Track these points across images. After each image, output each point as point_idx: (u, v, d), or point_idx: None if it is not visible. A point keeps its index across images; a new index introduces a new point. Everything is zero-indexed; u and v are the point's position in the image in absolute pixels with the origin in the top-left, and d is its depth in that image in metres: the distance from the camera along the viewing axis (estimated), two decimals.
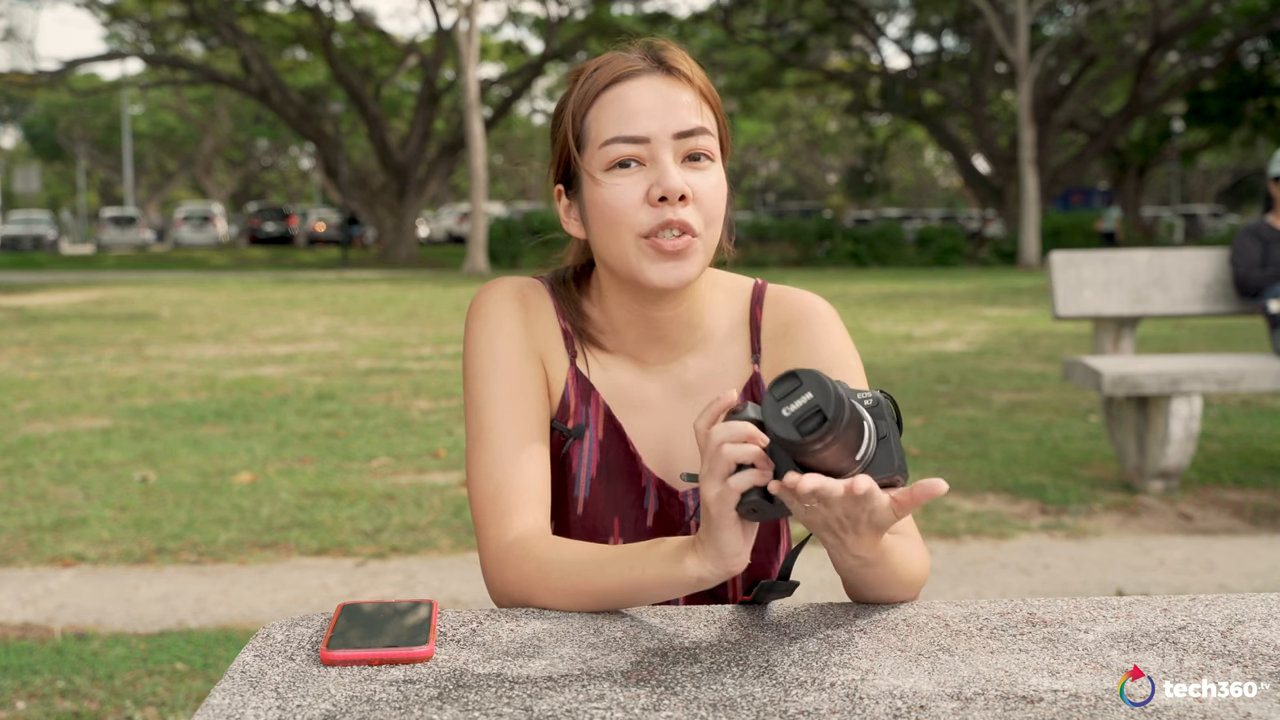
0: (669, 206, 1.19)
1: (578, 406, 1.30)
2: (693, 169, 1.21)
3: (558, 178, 1.30)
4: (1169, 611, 1.11)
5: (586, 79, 1.24)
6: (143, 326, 12.72)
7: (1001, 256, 28.06)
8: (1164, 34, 29.59)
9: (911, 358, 9.61)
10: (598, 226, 1.23)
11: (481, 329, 1.28)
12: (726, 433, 0.99)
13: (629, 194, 1.20)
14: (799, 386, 0.94)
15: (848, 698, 0.91)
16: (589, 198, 1.23)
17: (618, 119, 1.21)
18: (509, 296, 1.30)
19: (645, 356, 1.31)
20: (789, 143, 56.53)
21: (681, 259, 1.20)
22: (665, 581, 1.07)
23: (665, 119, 1.20)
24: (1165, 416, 4.77)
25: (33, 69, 32.45)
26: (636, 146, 1.20)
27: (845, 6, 32.62)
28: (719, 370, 1.32)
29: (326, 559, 4.03)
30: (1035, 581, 3.76)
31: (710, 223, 1.22)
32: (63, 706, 2.79)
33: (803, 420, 0.94)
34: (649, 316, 1.28)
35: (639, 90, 1.22)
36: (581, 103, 1.24)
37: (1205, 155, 41.95)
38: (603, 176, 1.21)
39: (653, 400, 1.31)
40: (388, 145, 31.35)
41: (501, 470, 1.22)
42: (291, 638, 1.06)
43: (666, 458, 1.30)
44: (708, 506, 1.01)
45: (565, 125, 1.25)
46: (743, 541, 1.02)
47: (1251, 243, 5.14)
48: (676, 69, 1.24)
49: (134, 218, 42.62)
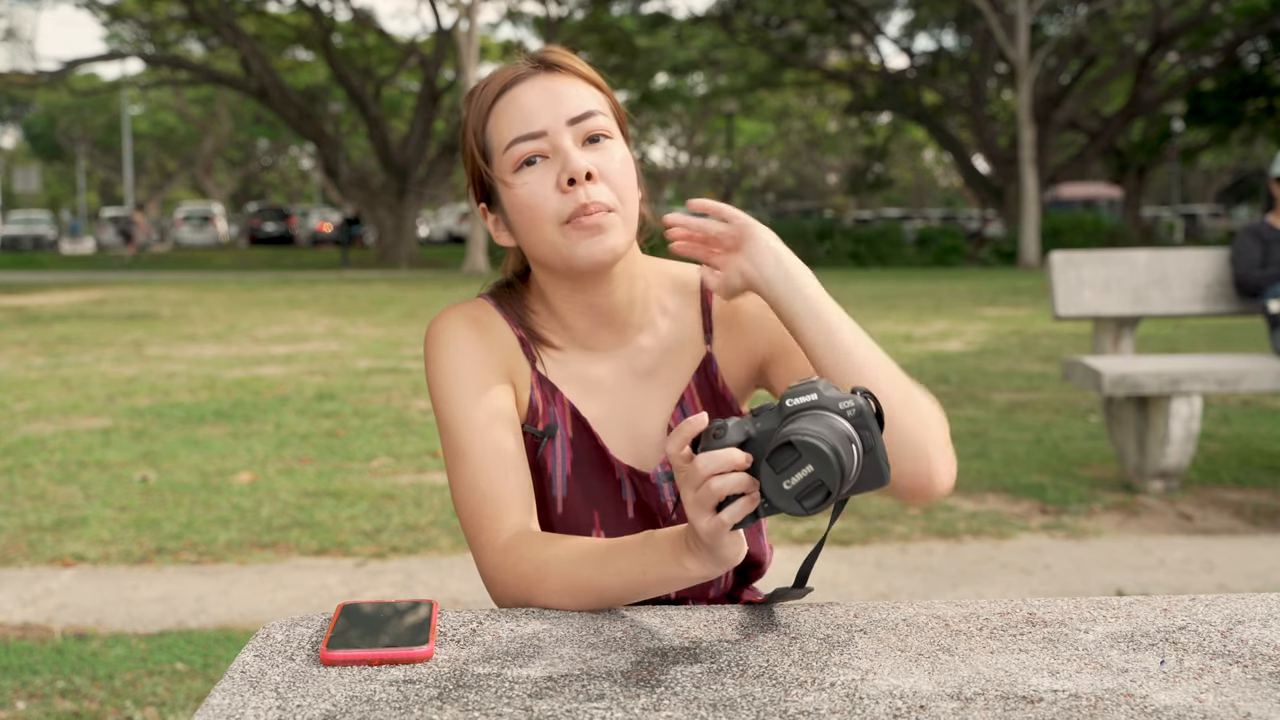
0: (579, 188, 1.22)
1: (545, 408, 1.31)
2: (594, 149, 1.25)
3: (479, 198, 1.33)
4: (1169, 611, 1.11)
5: (478, 96, 1.29)
6: (143, 326, 12.72)
7: (1001, 256, 28.06)
8: (1164, 34, 29.60)
9: (911, 358, 9.61)
10: (521, 227, 1.27)
11: (439, 354, 1.29)
12: (713, 464, 0.98)
13: (540, 187, 1.23)
14: (798, 459, 0.93)
15: (848, 698, 0.91)
16: (507, 204, 1.27)
17: (512, 121, 1.25)
18: (461, 322, 1.31)
19: (597, 344, 1.33)
20: (789, 143, 56.56)
21: (603, 232, 1.23)
22: (667, 581, 1.09)
23: (556, 109, 1.24)
24: (1165, 416, 4.77)
25: (33, 69, 32.45)
26: (536, 141, 1.24)
27: (844, 6, 32.61)
28: (672, 349, 1.34)
29: (326, 559, 4.03)
30: (1035, 581, 3.76)
31: (624, 197, 1.25)
32: (63, 706, 2.79)
33: (805, 494, 0.94)
34: (591, 303, 1.30)
35: (527, 91, 1.26)
36: (478, 117, 1.28)
37: (1205, 155, 41.92)
38: (512, 179, 1.25)
39: (610, 385, 1.33)
40: (388, 145, 31.35)
41: (484, 482, 1.23)
42: (291, 638, 1.06)
43: (634, 441, 1.32)
44: (699, 534, 1.02)
45: (469, 143, 1.30)
46: (740, 543, 1.04)
47: (1252, 243, 5.15)
48: (560, 65, 1.28)
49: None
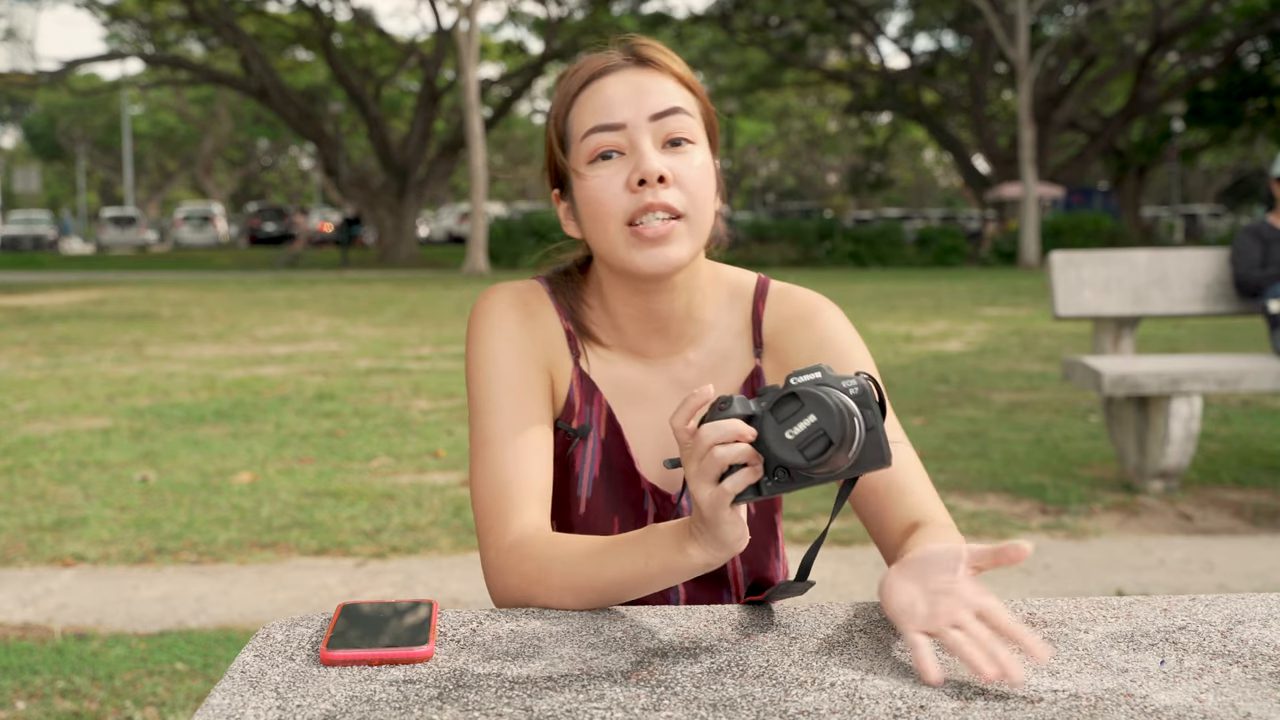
0: (649, 189, 1.19)
1: (582, 407, 1.29)
2: (673, 153, 1.21)
3: (553, 182, 1.30)
4: (1169, 611, 1.11)
5: (565, 81, 1.26)
6: (143, 326, 12.72)
7: (1001, 256, 28.06)
8: (1164, 34, 29.61)
9: (911, 358, 9.61)
10: (587, 220, 1.24)
11: (483, 336, 1.27)
12: (716, 434, 0.97)
13: (611, 183, 1.20)
14: (801, 408, 0.93)
15: (848, 698, 0.91)
16: (577, 194, 1.24)
17: (594, 111, 1.22)
18: (509, 303, 1.29)
19: (646, 351, 1.30)
20: (789, 143, 56.54)
21: (665, 244, 1.19)
22: (670, 570, 1.07)
23: (640, 103, 1.21)
24: (1165, 416, 4.77)
25: (33, 69, 32.46)
26: (614, 134, 1.20)
27: (844, 6, 32.60)
28: (720, 364, 1.31)
29: (326, 559, 4.03)
30: (1035, 581, 3.76)
31: (698, 205, 1.21)
32: (63, 706, 2.79)
33: (807, 444, 0.93)
34: (648, 309, 1.27)
35: (614, 83, 1.23)
36: (562, 104, 1.25)
37: (1205, 155, 41.91)
38: (586, 170, 1.22)
39: (653, 395, 1.30)
40: (388, 145, 31.34)
41: (504, 476, 1.21)
42: (291, 638, 1.06)
43: (667, 453, 1.30)
44: (700, 506, 1.00)
45: (550, 128, 1.27)
46: (741, 525, 1.02)
47: (1252, 243, 5.15)
48: (652, 60, 1.24)
49: (134, 218, 42.62)
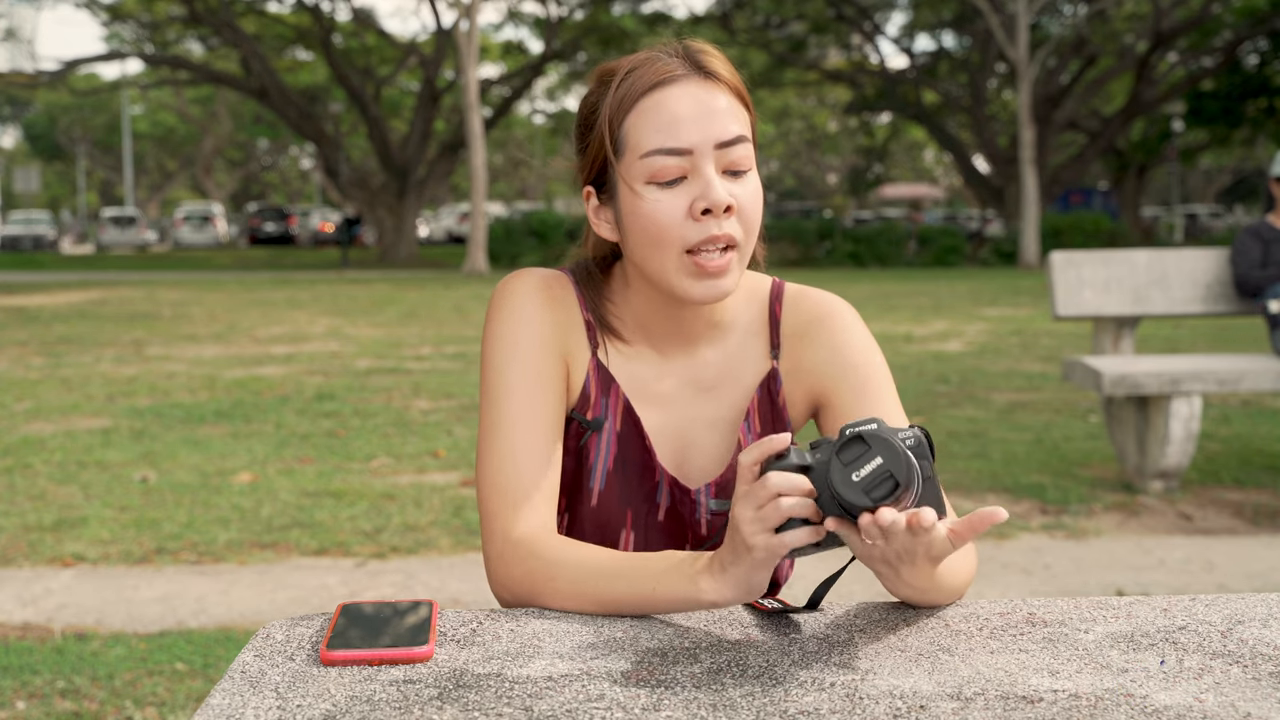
0: (713, 220, 1.17)
1: (598, 398, 1.29)
2: (735, 181, 1.19)
3: (588, 179, 1.27)
4: (1169, 611, 1.11)
5: (623, 82, 1.21)
6: (143, 326, 12.72)
7: (1001, 256, 28.06)
8: (1164, 34, 29.58)
9: (911, 358, 9.60)
10: (638, 239, 1.21)
11: (505, 318, 1.26)
12: (785, 483, 0.97)
13: (673, 210, 1.18)
14: (867, 450, 0.95)
15: (848, 698, 0.91)
16: (628, 207, 1.21)
17: (658, 129, 1.18)
18: (534, 288, 1.28)
19: (665, 348, 1.30)
20: (789, 143, 56.54)
21: (722, 276, 1.19)
22: (677, 601, 1.07)
23: (706, 129, 1.17)
24: (1165, 416, 4.77)
25: (33, 69, 32.45)
26: (680, 159, 1.17)
27: (844, 6, 32.60)
28: (737, 364, 1.31)
29: (326, 559, 4.03)
30: (1035, 581, 3.76)
31: (750, 233, 1.21)
32: (63, 706, 2.79)
33: (874, 485, 0.95)
34: (676, 315, 1.27)
35: (678, 97, 1.18)
36: (619, 108, 1.20)
37: (1205, 155, 41.90)
38: (643, 190, 1.19)
39: (670, 392, 1.30)
40: (388, 145, 31.34)
41: (514, 464, 1.21)
42: (291, 638, 1.06)
43: (681, 452, 1.30)
44: (750, 550, 1.00)
45: (600, 129, 1.22)
46: (769, 574, 1.02)
47: (1252, 243, 5.15)
48: (715, 73, 1.21)
49: (134, 218, 42.59)
